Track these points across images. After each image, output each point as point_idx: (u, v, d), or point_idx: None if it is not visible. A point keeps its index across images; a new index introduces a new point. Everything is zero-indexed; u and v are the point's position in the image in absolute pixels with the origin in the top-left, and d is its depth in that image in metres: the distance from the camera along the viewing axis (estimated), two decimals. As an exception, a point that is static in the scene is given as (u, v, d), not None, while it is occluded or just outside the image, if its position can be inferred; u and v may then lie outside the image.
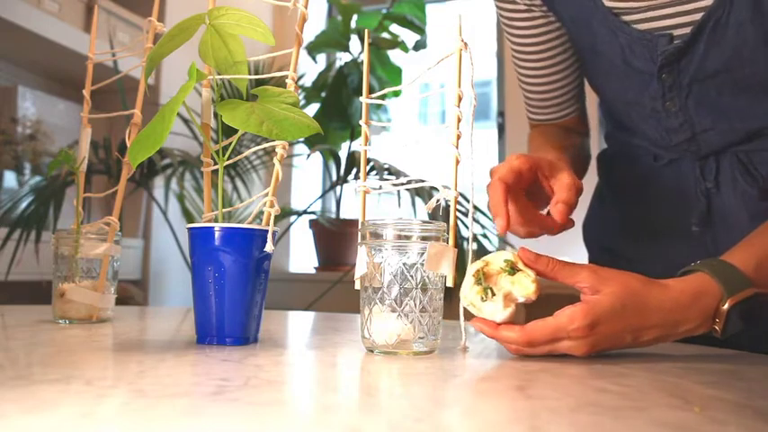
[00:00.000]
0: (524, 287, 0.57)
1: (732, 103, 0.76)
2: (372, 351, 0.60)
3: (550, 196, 0.69)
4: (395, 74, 2.68)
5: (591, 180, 1.00)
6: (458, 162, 0.62)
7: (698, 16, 0.72)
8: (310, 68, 2.80)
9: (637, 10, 0.75)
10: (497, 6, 0.88)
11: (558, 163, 0.70)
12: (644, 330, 0.58)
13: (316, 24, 2.95)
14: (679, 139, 0.81)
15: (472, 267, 0.58)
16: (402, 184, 0.69)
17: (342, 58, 2.82)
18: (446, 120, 0.65)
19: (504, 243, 2.01)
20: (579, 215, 0.97)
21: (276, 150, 0.66)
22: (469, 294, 0.58)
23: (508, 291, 0.57)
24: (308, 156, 2.26)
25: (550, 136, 0.91)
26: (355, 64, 2.61)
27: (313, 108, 2.63)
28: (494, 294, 0.57)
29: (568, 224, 0.69)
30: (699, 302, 0.59)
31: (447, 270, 0.59)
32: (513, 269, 0.58)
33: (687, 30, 0.73)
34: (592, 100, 0.97)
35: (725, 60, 0.73)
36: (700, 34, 0.72)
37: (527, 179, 0.68)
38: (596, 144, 1.01)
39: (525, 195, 0.71)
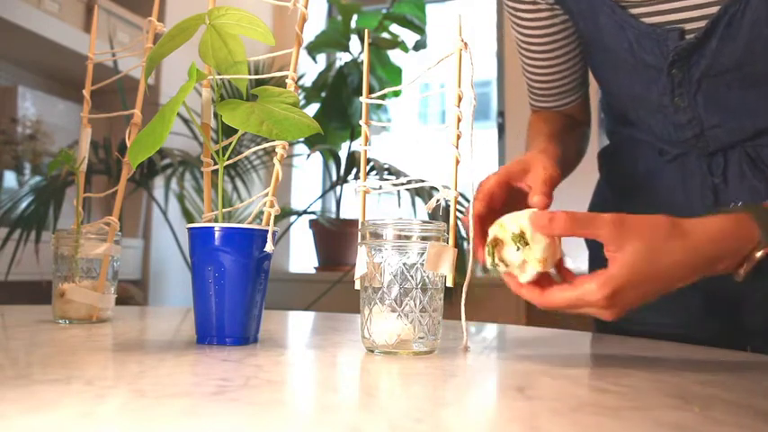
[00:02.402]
0: (533, 264, 0.56)
1: (742, 99, 0.75)
2: (372, 351, 0.60)
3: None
4: (395, 74, 2.68)
5: (592, 177, 1.00)
6: (458, 162, 0.62)
7: (710, 10, 0.71)
8: (310, 68, 2.80)
9: (645, 3, 0.74)
10: None
11: (530, 162, 0.68)
12: (672, 284, 0.57)
13: (316, 24, 2.95)
14: (686, 135, 0.80)
15: (490, 233, 0.58)
16: (402, 184, 0.69)
17: (342, 58, 2.82)
18: (446, 120, 0.65)
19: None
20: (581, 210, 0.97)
21: (276, 150, 0.66)
22: (488, 260, 0.58)
23: (521, 262, 0.57)
24: (308, 156, 2.26)
25: (548, 122, 0.91)
26: (355, 64, 2.61)
27: (313, 108, 2.63)
28: (507, 266, 0.57)
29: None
30: (734, 243, 0.58)
31: (447, 270, 0.59)
32: (523, 239, 0.56)
33: (698, 24, 0.72)
34: (593, 93, 0.97)
35: (737, 57, 0.72)
36: (713, 30, 0.71)
37: (501, 195, 0.67)
38: (596, 141, 1.00)
39: (508, 202, 0.69)
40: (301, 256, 2.91)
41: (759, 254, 0.58)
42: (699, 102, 0.77)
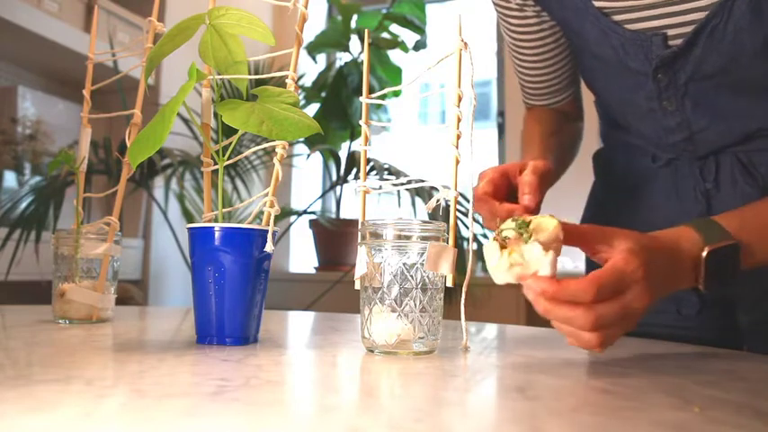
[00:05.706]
0: (545, 254, 0.53)
1: (730, 103, 0.76)
2: (372, 351, 0.60)
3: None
4: (395, 74, 2.68)
5: (587, 180, 1.00)
6: (458, 162, 0.62)
7: (693, 16, 0.71)
8: (310, 68, 2.80)
9: (627, 9, 0.74)
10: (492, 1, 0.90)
11: (526, 163, 0.74)
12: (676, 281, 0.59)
13: (316, 24, 2.95)
14: (676, 138, 0.81)
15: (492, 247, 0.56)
16: (402, 184, 0.69)
17: (342, 58, 2.82)
18: (446, 120, 0.65)
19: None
20: (576, 215, 0.98)
21: (276, 150, 0.66)
22: (501, 262, 0.53)
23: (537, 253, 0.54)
24: (308, 156, 2.26)
25: (542, 123, 0.94)
26: (355, 64, 2.61)
27: (313, 108, 2.63)
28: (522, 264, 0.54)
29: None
30: (680, 247, 0.59)
31: (447, 270, 0.59)
32: (526, 226, 0.54)
33: (682, 29, 0.73)
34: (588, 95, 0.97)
35: (722, 64, 0.72)
36: (696, 40, 0.72)
37: (502, 184, 0.73)
38: (595, 143, 1.01)
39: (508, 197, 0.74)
40: (301, 256, 2.90)
41: (704, 253, 0.59)
42: (687, 105, 0.77)
